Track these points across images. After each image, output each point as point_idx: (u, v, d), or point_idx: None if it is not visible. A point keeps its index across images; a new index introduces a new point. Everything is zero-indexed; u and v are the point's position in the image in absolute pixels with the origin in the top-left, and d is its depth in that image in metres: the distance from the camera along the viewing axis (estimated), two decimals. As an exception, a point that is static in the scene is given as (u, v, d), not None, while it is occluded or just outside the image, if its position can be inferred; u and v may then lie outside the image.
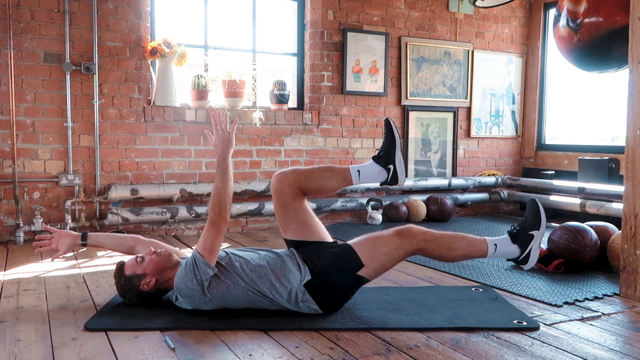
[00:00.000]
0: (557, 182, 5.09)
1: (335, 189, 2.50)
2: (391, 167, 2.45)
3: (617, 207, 4.34)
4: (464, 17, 5.43)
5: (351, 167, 2.45)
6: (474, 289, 2.78)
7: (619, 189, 4.29)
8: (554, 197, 5.10)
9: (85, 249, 3.67)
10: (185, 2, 6.23)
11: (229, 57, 4.55)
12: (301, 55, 4.91)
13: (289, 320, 2.22)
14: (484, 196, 5.49)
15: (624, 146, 2.71)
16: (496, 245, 2.43)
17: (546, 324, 2.27)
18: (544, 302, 2.57)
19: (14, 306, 2.45)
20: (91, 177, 4.07)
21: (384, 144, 2.48)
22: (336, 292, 2.30)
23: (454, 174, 5.51)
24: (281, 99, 4.65)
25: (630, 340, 2.13)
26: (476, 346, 2.03)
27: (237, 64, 4.47)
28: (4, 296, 2.60)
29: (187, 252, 3.05)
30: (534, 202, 2.50)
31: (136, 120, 4.17)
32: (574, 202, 4.85)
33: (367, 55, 4.94)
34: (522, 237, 2.45)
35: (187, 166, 4.36)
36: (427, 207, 5.05)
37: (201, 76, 4.38)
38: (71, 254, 3.51)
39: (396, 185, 2.47)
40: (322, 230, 2.46)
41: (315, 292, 2.26)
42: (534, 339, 2.11)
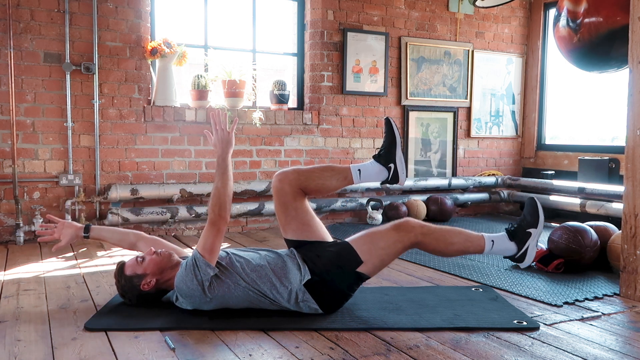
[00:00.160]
0: (557, 182, 5.10)
1: (336, 188, 2.50)
2: (392, 165, 2.45)
3: (617, 207, 4.34)
4: (464, 17, 5.43)
5: (352, 166, 2.45)
6: (474, 289, 2.78)
7: (619, 189, 4.29)
8: (554, 197, 5.10)
9: (85, 249, 3.67)
10: (185, 2, 6.24)
11: (229, 57, 4.55)
12: (301, 55, 4.91)
13: (289, 320, 2.22)
14: (484, 196, 5.49)
15: (624, 146, 2.71)
16: (493, 241, 2.42)
17: (546, 324, 2.27)
18: (544, 302, 2.57)
19: (14, 306, 2.45)
20: (91, 177, 4.07)
21: (385, 142, 2.48)
22: (337, 291, 2.30)
23: (454, 174, 5.51)
24: (281, 99, 4.65)
25: (630, 340, 2.13)
26: (476, 346, 2.03)
27: (237, 64, 4.47)
28: (4, 296, 2.60)
29: (188, 251, 3.05)
30: (532, 200, 2.50)
31: (136, 120, 4.17)
32: (574, 202, 4.85)
33: (367, 55, 4.94)
34: (519, 234, 2.45)
35: (187, 166, 4.36)
36: (427, 207, 5.05)
37: (201, 76, 4.38)
38: (71, 254, 3.52)
39: (397, 184, 2.47)
40: (323, 230, 2.46)
41: (315, 291, 2.26)
42: (534, 339, 2.11)
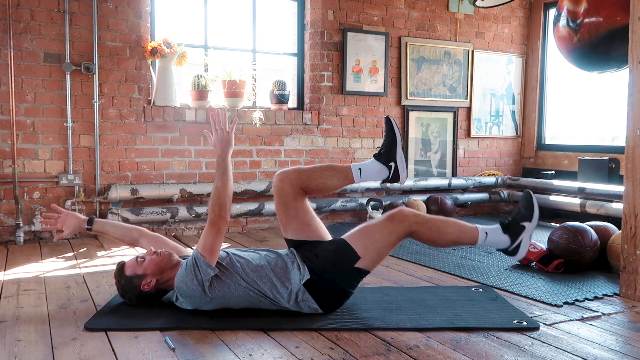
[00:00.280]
0: (557, 182, 5.09)
1: (337, 188, 2.49)
2: (392, 164, 2.45)
3: (617, 207, 4.34)
4: (464, 17, 5.43)
5: (352, 165, 2.45)
6: (474, 289, 2.78)
7: (619, 189, 4.29)
8: (554, 197, 5.10)
9: (85, 249, 3.67)
10: (185, 2, 6.24)
11: (229, 57, 4.55)
12: (301, 55, 4.91)
13: (289, 320, 2.22)
14: (484, 196, 5.49)
15: (624, 146, 2.71)
16: (487, 233, 2.40)
17: (546, 324, 2.27)
18: (544, 302, 2.57)
19: (14, 306, 2.44)
20: (91, 177, 4.07)
21: (385, 141, 2.48)
22: (336, 289, 2.30)
23: (454, 174, 5.51)
24: (281, 99, 4.65)
25: (630, 340, 2.13)
26: (476, 346, 2.03)
27: (237, 64, 4.47)
28: (4, 296, 2.60)
29: (189, 251, 3.05)
30: (527, 194, 2.48)
31: (136, 120, 4.17)
32: (574, 202, 4.85)
33: (367, 55, 4.94)
34: (513, 227, 2.43)
35: (187, 166, 4.36)
36: (427, 207, 5.04)
37: (201, 76, 4.38)
38: (71, 254, 3.52)
39: (397, 182, 2.47)
40: (323, 229, 2.46)
41: (314, 291, 2.26)
42: (534, 339, 2.11)
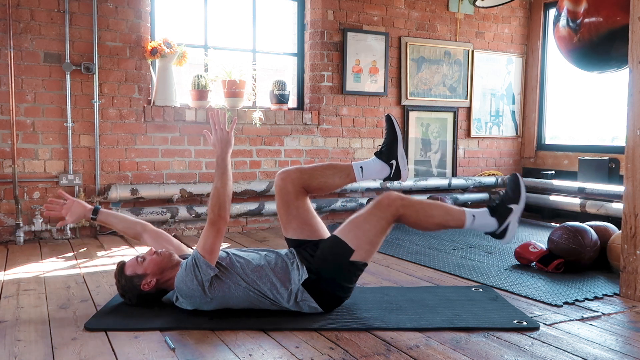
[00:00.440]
0: (557, 182, 5.09)
1: (338, 186, 2.49)
2: (394, 162, 2.45)
3: (617, 207, 4.34)
4: (464, 17, 5.43)
5: (354, 163, 2.45)
6: (474, 289, 2.78)
7: (619, 189, 4.29)
8: (554, 197, 5.10)
9: (85, 249, 3.68)
10: (185, 2, 6.24)
11: (229, 57, 4.55)
12: (301, 55, 4.91)
13: (289, 320, 2.22)
14: (484, 196, 5.49)
15: (624, 146, 2.71)
16: (474, 216, 2.37)
17: (546, 324, 2.27)
18: (544, 302, 2.57)
19: (14, 306, 2.45)
20: (91, 177, 4.07)
21: (386, 139, 2.48)
22: (336, 286, 2.29)
23: (454, 174, 5.51)
24: (281, 99, 4.65)
25: (630, 340, 2.13)
26: (476, 346, 2.03)
27: (237, 64, 4.47)
28: (4, 296, 2.60)
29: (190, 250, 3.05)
30: (514, 176, 2.44)
31: (136, 120, 4.17)
32: (574, 202, 4.85)
33: (367, 55, 4.94)
34: (500, 210, 2.39)
35: (187, 166, 4.36)
36: (427, 207, 5.04)
37: (201, 76, 4.38)
38: (71, 254, 3.52)
39: (399, 180, 2.47)
40: (324, 229, 2.46)
41: (313, 290, 2.26)
42: (534, 339, 2.11)
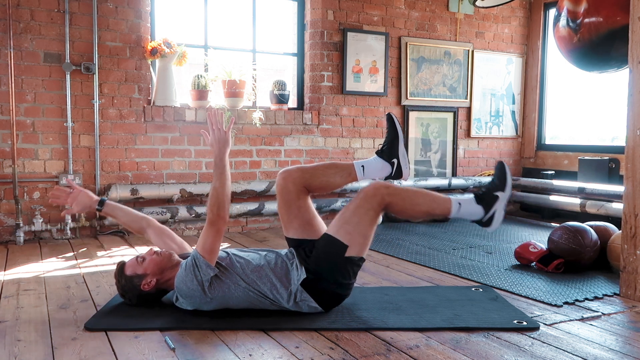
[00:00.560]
0: (557, 182, 5.09)
1: (340, 185, 2.49)
2: (395, 161, 2.45)
3: (617, 207, 4.34)
4: (464, 17, 5.43)
5: (355, 162, 2.45)
6: (474, 289, 2.78)
7: (619, 189, 4.29)
8: (554, 197, 5.10)
9: (85, 249, 3.68)
10: (185, 2, 6.24)
11: (229, 57, 4.55)
12: (301, 55, 4.91)
13: (289, 320, 2.22)
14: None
15: (624, 146, 2.71)
16: (460, 204, 2.36)
17: (546, 324, 2.27)
18: (544, 302, 2.57)
19: (14, 306, 2.45)
20: (91, 177, 4.07)
21: (387, 138, 2.49)
22: (334, 284, 2.28)
23: (454, 174, 5.51)
24: (281, 99, 4.65)
25: (630, 340, 2.13)
26: (476, 346, 2.03)
27: (237, 64, 4.47)
28: (4, 296, 2.60)
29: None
30: (500, 164, 2.43)
31: (136, 120, 4.17)
32: (574, 202, 4.85)
33: (367, 55, 4.94)
34: (487, 198, 2.39)
35: (187, 166, 4.36)
36: (427, 207, 5.05)
37: (201, 76, 4.38)
38: (71, 254, 3.52)
39: (400, 178, 2.48)
40: (324, 229, 2.45)
41: (312, 289, 2.26)
42: (534, 339, 2.11)
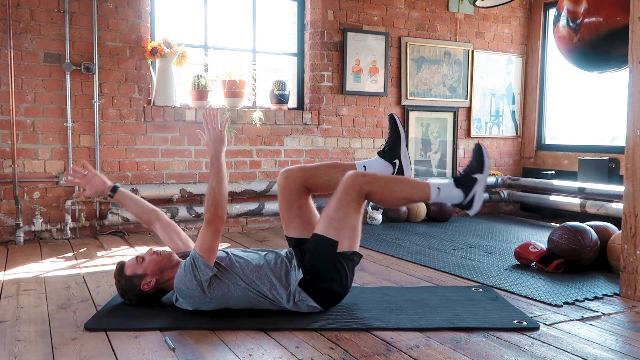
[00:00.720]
0: (557, 182, 5.09)
1: None
2: (397, 161, 2.46)
3: (617, 207, 4.34)
4: (464, 17, 5.43)
5: (357, 162, 2.46)
6: (474, 289, 2.78)
7: (619, 189, 4.29)
8: (554, 197, 5.10)
9: (85, 249, 3.68)
10: (185, 2, 6.24)
11: (229, 57, 4.55)
12: (301, 55, 4.91)
13: (289, 320, 2.22)
14: (484, 196, 5.47)
15: (624, 146, 2.71)
16: (439, 188, 2.33)
17: (546, 324, 2.27)
18: (544, 302, 2.57)
19: (14, 306, 2.45)
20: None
21: (389, 139, 2.49)
22: (332, 283, 2.28)
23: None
24: (281, 99, 4.65)
25: (630, 340, 2.13)
26: (476, 346, 2.03)
27: (237, 64, 4.47)
28: (4, 296, 2.60)
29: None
30: (478, 146, 2.41)
31: (136, 120, 4.17)
32: (574, 202, 4.85)
33: (367, 55, 4.94)
34: (465, 181, 2.37)
35: (187, 166, 4.36)
36: (427, 207, 5.05)
37: (201, 76, 4.38)
38: (71, 254, 3.52)
39: None
40: None
41: (310, 289, 2.26)
42: (534, 339, 2.11)
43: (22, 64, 3.84)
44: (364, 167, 2.44)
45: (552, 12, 4.98)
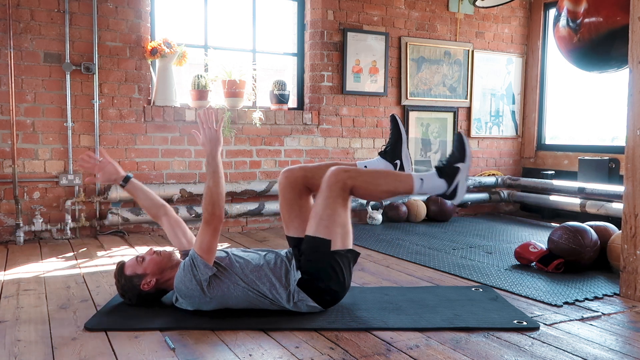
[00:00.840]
0: (557, 182, 5.09)
1: None
2: (398, 162, 2.46)
3: (617, 207, 4.34)
4: (464, 17, 5.43)
5: (358, 162, 2.47)
6: (474, 289, 2.78)
7: (619, 189, 4.29)
8: (554, 197, 5.10)
9: (85, 249, 3.68)
10: (185, 2, 6.24)
11: (229, 57, 4.55)
12: (301, 55, 4.91)
13: (289, 320, 2.22)
14: (484, 196, 5.49)
15: (624, 146, 2.71)
16: (422, 180, 2.33)
17: (546, 324, 2.27)
18: (544, 302, 2.57)
19: (14, 306, 2.45)
20: (91, 176, 4.06)
21: (390, 139, 2.50)
22: (330, 281, 2.28)
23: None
24: (281, 99, 4.65)
25: (630, 340, 2.13)
26: (476, 346, 2.03)
27: (237, 64, 4.47)
28: (4, 296, 2.60)
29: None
30: (458, 135, 2.41)
31: (136, 120, 4.17)
32: (574, 202, 4.85)
33: (367, 55, 4.94)
34: (448, 170, 2.35)
35: (187, 166, 4.36)
36: (427, 207, 5.05)
37: (201, 76, 4.38)
38: (71, 254, 3.52)
39: None
40: None
41: (309, 289, 2.26)
42: (534, 339, 2.11)
43: (22, 64, 3.84)
44: (365, 167, 2.45)
45: (552, 12, 4.98)
